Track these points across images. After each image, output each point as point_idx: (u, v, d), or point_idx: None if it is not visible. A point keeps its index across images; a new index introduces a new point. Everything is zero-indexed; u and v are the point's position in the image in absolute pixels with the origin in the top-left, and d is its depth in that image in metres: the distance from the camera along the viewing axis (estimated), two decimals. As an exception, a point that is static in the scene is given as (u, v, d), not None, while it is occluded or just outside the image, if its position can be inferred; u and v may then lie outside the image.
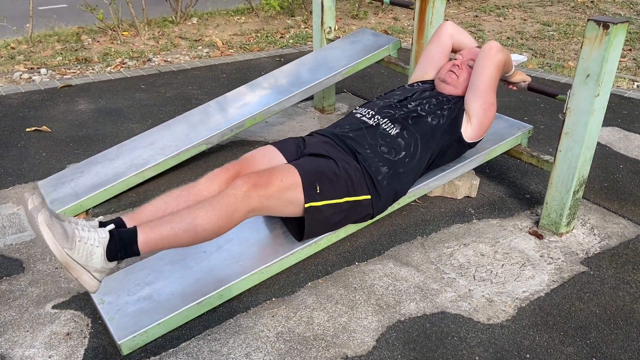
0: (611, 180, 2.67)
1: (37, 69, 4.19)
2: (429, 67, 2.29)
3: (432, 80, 2.26)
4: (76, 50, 4.73)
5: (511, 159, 2.80)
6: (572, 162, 2.07)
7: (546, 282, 1.95)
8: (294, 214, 1.77)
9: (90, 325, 1.71)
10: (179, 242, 1.56)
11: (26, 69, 4.18)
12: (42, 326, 1.70)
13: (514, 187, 2.58)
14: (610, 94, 2.92)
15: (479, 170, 2.71)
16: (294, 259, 1.87)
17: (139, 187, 2.48)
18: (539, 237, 2.19)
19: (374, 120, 1.99)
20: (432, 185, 2.14)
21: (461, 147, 2.09)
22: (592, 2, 7.24)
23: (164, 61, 4.50)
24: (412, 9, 2.66)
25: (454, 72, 2.12)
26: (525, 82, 2.25)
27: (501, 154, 2.38)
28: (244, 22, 5.94)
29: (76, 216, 2.16)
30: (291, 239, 1.90)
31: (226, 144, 2.97)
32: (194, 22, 5.84)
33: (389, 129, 1.95)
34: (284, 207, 1.72)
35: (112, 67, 4.30)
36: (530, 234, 2.22)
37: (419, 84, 2.24)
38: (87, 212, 2.31)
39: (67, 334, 1.67)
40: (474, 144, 2.12)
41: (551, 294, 1.89)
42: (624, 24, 1.84)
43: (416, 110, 2.01)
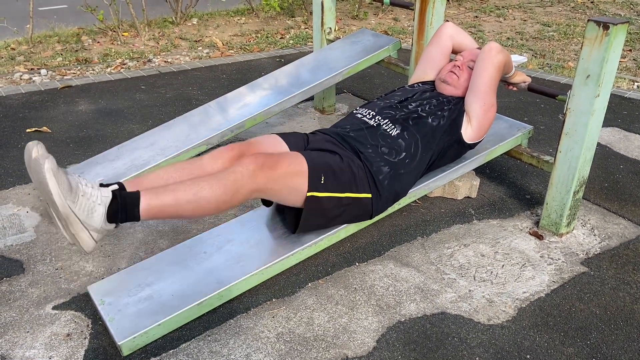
0: (611, 180, 2.67)
1: (37, 69, 4.19)
2: (429, 68, 2.29)
3: (433, 81, 2.26)
4: (76, 51, 4.73)
5: (511, 159, 2.80)
6: (572, 163, 2.07)
7: (546, 282, 1.95)
8: (295, 202, 1.77)
9: (90, 326, 1.71)
10: (180, 212, 1.55)
11: (26, 70, 4.18)
12: (42, 327, 1.70)
13: (514, 187, 2.59)
14: (610, 95, 2.92)
15: (479, 170, 2.71)
16: (294, 260, 1.87)
17: (139, 187, 2.48)
18: (539, 237, 2.19)
19: (375, 120, 1.99)
20: (433, 185, 2.14)
21: (461, 147, 2.09)
22: (592, 2, 7.24)
23: (164, 62, 4.50)
24: (412, 10, 2.67)
25: (455, 73, 2.12)
26: (525, 82, 2.25)
27: (501, 155, 2.38)
28: (244, 23, 5.95)
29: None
30: (291, 239, 1.90)
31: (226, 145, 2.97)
32: (194, 22, 5.84)
33: (389, 129, 1.95)
34: (287, 193, 1.72)
35: (112, 67, 4.30)
36: (530, 234, 2.22)
37: (419, 84, 2.24)
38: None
39: (68, 335, 1.67)
40: (474, 144, 2.12)
41: (551, 294, 1.89)
42: (624, 25, 1.84)
43: (417, 111, 2.01)
